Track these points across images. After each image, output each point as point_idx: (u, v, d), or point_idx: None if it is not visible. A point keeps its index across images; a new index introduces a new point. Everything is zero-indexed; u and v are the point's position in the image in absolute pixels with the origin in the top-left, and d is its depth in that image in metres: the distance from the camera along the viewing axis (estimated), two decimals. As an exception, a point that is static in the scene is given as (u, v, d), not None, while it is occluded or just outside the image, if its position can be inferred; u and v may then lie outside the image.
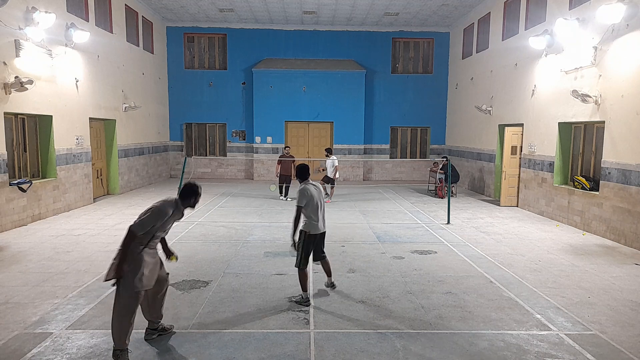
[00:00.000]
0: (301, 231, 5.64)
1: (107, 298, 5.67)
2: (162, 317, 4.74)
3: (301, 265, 5.58)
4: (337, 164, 13.42)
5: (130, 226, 4.14)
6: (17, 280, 6.27)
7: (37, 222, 9.94)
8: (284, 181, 13.71)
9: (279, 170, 13.81)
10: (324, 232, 5.84)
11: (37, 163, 10.74)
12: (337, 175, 13.47)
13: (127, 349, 4.20)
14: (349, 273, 6.81)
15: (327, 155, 13.58)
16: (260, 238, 8.83)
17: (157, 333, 4.67)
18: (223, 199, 13.71)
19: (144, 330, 4.68)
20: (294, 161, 13.76)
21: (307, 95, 18.52)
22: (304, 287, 5.59)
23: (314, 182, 5.83)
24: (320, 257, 5.96)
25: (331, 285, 6.09)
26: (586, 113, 9.85)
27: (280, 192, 13.75)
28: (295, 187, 6.33)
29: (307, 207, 5.55)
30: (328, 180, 13.43)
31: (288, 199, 13.59)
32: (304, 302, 5.56)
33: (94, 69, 12.66)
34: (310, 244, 5.68)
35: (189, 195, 4.44)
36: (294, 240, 5.59)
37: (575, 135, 10.97)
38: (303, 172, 5.78)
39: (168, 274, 4.72)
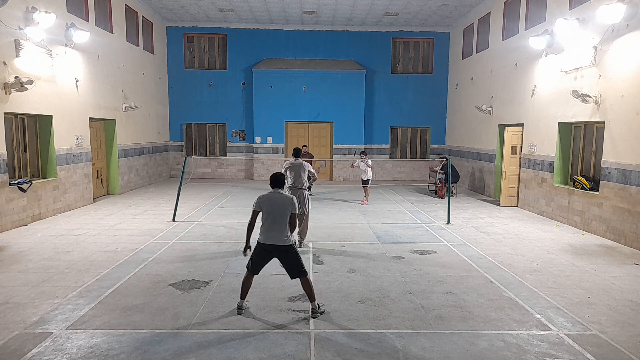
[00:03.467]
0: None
1: (107, 298, 5.68)
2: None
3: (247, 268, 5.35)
4: (370, 163, 13.11)
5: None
6: (17, 280, 6.27)
7: (37, 222, 9.94)
8: None
9: None
10: (278, 246, 5.16)
11: (37, 163, 10.74)
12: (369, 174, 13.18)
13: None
14: (349, 273, 6.80)
15: (362, 158, 13.14)
16: (260, 238, 8.82)
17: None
18: (223, 199, 13.72)
19: None
20: (312, 160, 14.01)
21: (307, 95, 18.52)
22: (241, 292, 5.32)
23: (282, 192, 5.40)
24: (293, 277, 5.26)
25: (312, 313, 5.22)
26: (586, 113, 9.85)
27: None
28: (321, 185, 5.81)
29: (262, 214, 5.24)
30: (366, 182, 13.19)
31: (310, 194, 13.99)
32: (237, 308, 5.30)
33: (94, 69, 12.66)
34: (255, 252, 5.30)
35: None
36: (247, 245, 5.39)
37: (575, 135, 10.97)
38: (277, 182, 5.38)
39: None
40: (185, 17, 17.97)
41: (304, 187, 8.22)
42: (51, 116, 10.68)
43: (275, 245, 5.17)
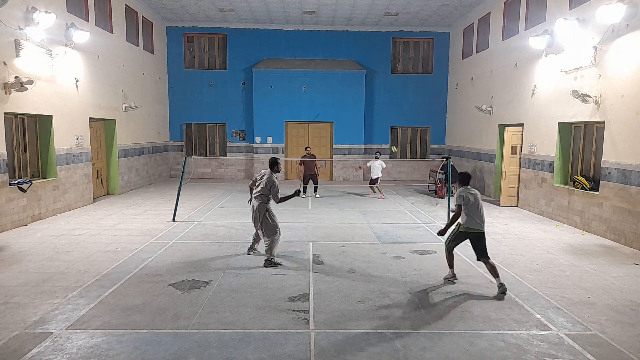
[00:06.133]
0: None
1: (107, 298, 5.68)
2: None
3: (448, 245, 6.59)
4: (385, 165, 14.44)
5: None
6: (17, 280, 6.27)
7: (37, 222, 9.94)
8: (308, 180, 14.21)
9: (302, 171, 14.25)
10: (478, 231, 6.29)
11: (37, 163, 10.74)
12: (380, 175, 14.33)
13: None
14: (349, 273, 6.81)
15: (376, 158, 14.34)
16: (260, 238, 8.82)
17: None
18: (223, 198, 13.72)
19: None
20: (315, 160, 14.32)
21: (307, 95, 18.52)
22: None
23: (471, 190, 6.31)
24: (479, 258, 6.33)
25: (500, 288, 6.04)
26: (586, 113, 9.85)
27: (304, 192, 13.94)
28: (321, 185, 6.38)
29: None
30: (375, 181, 14.27)
31: (317, 196, 14.32)
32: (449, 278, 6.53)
33: (94, 69, 12.66)
34: (457, 233, 6.46)
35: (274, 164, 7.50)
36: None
37: (575, 135, 10.97)
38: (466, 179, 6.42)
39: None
40: (185, 17, 17.98)
41: (268, 201, 7.38)
42: (51, 116, 10.68)
43: (476, 231, 6.22)
